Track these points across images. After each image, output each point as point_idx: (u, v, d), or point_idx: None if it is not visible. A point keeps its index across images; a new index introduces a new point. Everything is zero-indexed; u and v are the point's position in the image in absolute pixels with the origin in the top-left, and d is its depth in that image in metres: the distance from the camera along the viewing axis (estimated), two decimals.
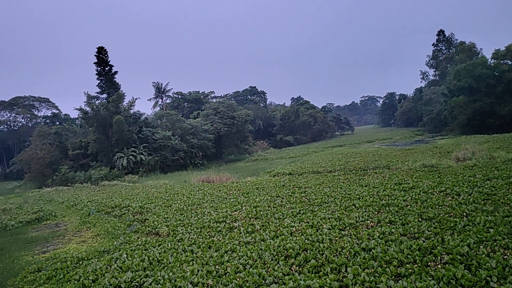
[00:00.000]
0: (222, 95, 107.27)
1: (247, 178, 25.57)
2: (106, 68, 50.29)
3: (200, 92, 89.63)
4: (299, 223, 10.28)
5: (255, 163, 46.47)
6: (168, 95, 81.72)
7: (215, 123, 58.38)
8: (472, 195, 11.04)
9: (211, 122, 58.33)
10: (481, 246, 6.76)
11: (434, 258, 6.59)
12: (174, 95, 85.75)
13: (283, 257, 7.65)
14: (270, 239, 9.02)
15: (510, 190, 11.06)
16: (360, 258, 6.91)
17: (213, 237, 10.18)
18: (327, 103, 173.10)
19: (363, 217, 10.01)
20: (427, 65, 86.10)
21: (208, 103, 71.29)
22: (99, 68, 50.02)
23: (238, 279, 6.71)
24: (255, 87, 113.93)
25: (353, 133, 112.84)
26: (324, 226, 9.58)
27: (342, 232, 8.80)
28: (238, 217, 12.28)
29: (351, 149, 44.42)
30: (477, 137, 37.55)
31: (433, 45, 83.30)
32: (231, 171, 34.23)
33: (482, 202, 10.05)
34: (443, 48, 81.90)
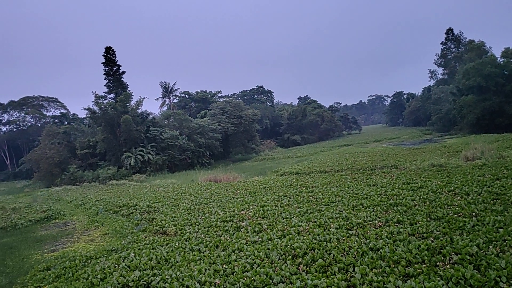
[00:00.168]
0: (229, 95, 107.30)
1: (254, 178, 25.57)
2: (114, 68, 50.61)
3: (207, 92, 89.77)
4: (307, 223, 10.25)
5: (262, 163, 46.45)
6: (176, 95, 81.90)
7: (222, 123, 58.44)
8: (482, 195, 10.94)
9: (218, 122, 58.39)
10: (491, 246, 6.69)
11: (443, 258, 6.54)
12: (182, 95, 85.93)
13: (291, 257, 7.64)
14: (277, 239, 9.01)
15: None
16: (368, 258, 6.88)
17: (221, 236, 10.19)
18: (335, 103, 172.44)
19: (371, 217, 9.96)
20: (436, 64, 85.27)
21: (215, 103, 71.32)
22: (107, 68, 50.34)
23: (246, 278, 6.71)
24: (262, 87, 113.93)
25: (361, 133, 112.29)
26: (332, 226, 9.55)
27: (350, 232, 8.76)
28: (245, 217, 12.28)
29: (359, 149, 44.22)
30: (486, 136, 37.20)
31: (442, 44, 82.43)
32: (238, 171, 34.29)
33: (492, 202, 9.95)
34: (452, 47, 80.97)
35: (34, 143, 68.52)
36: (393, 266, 6.45)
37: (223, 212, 13.52)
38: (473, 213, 9.09)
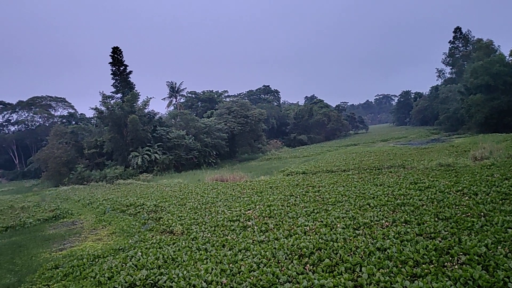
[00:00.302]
0: (236, 95, 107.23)
1: (261, 177, 25.56)
2: (121, 68, 50.75)
3: (214, 92, 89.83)
4: (313, 222, 10.23)
5: (269, 162, 46.43)
6: (182, 95, 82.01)
7: (229, 122, 58.47)
8: (490, 195, 10.85)
9: (225, 121, 58.43)
10: (499, 247, 6.64)
11: (451, 259, 6.50)
12: (188, 95, 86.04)
13: (297, 256, 7.63)
14: (284, 238, 9.00)
15: None
16: (375, 258, 6.85)
17: (227, 236, 10.21)
18: (341, 102, 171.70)
19: (378, 217, 9.92)
20: (444, 63, 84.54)
21: (222, 102, 71.41)
22: (114, 68, 50.49)
23: (252, 278, 6.71)
24: (269, 86, 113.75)
25: (368, 132, 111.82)
26: (338, 226, 9.52)
27: (357, 232, 8.73)
28: (252, 216, 12.29)
29: (366, 148, 44.02)
30: (495, 136, 36.85)
31: (450, 43, 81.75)
32: (245, 170, 34.30)
33: (500, 202, 9.87)
34: (460, 46, 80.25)
35: (42, 143, 69.10)
36: (401, 266, 6.42)
37: (230, 212, 13.55)
38: (482, 213, 9.02)
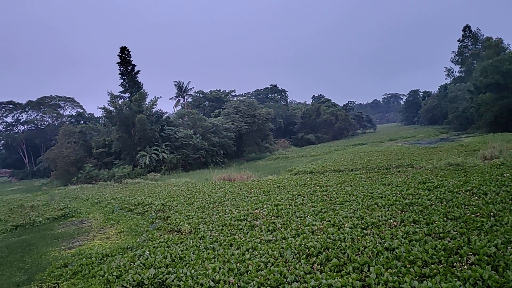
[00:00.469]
0: (243, 94, 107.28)
1: (268, 177, 25.55)
2: (129, 68, 50.97)
3: (221, 91, 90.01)
4: (321, 222, 10.21)
5: (276, 162, 46.42)
6: (190, 94, 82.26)
7: (236, 122, 58.51)
8: (500, 195, 10.74)
9: (232, 121, 58.48)
10: (509, 247, 6.57)
11: (460, 259, 6.45)
12: (196, 94, 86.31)
13: (305, 256, 7.62)
14: (292, 238, 9.00)
15: None
16: (383, 258, 6.82)
17: (235, 235, 10.22)
18: (349, 101, 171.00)
19: (386, 216, 9.87)
20: (453, 62, 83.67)
21: (229, 102, 71.49)
22: (122, 68, 50.75)
23: (260, 277, 6.72)
24: (276, 86, 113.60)
25: (375, 131, 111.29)
26: (346, 225, 9.49)
27: (365, 231, 8.70)
28: (259, 216, 12.29)
29: (373, 148, 43.79)
30: (505, 135, 36.47)
31: (459, 41, 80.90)
32: (252, 170, 34.32)
33: (510, 202, 9.77)
34: (469, 44, 79.42)
35: (51, 142, 69.81)
36: (409, 266, 6.38)
37: (237, 211, 13.56)
38: (491, 213, 8.93)
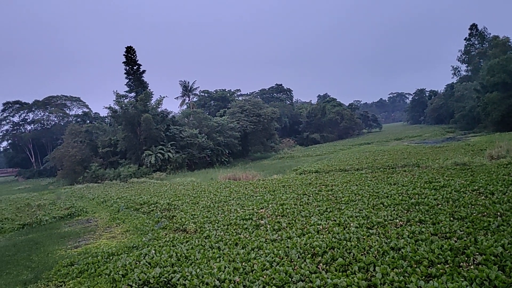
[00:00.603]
0: (248, 93, 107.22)
1: (274, 176, 25.55)
2: (134, 67, 51.22)
3: (226, 90, 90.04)
4: (326, 221, 10.19)
5: (281, 161, 46.38)
6: (195, 94, 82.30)
7: (241, 121, 58.50)
8: (507, 194, 10.66)
9: (237, 120, 58.48)
10: None
11: (467, 259, 6.41)
12: (201, 94, 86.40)
13: (310, 255, 7.61)
14: (297, 237, 8.99)
15: None
16: (389, 258, 6.79)
17: (240, 234, 10.23)
18: (354, 100, 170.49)
19: (392, 216, 9.83)
20: (459, 61, 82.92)
21: (234, 101, 71.51)
22: (128, 67, 50.99)
23: (265, 276, 6.72)
24: (281, 85, 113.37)
25: (381, 131, 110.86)
26: (352, 225, 9.46)
27: (370, 231, 8.67)
28: (265, 215, 12.29)
29: (379, 147, 43.63)
30: None
31: (465, 40, 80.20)
32: (257, 169, 34.31)
33: None
34: (476, 43, 78.80)
35: (58, 142, 70.15)
36: (415, 266, 6.35)
37: (243, 210, 13.57)
38: (498, 213, 8.87)
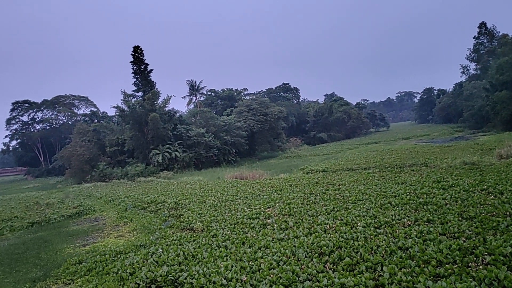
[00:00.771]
0: (255, 92, 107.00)
1: (280, 175, 25.52)
2: (142, 67, 51.38)
3: (233, 90, 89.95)
4: (333, 221, 10.16)
5: (288, 160, 46.30)
6: (202, 93, 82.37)
7: (248, 120, 58.42)
8: None
9: (244, 119, 58.41)
10: None
11: (475, 259, 6.36)
12: (208, 93, 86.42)
13: (317, 255, 7.60)
14: (304, 236, 8.97)
15: None
16: (397, 257, 6.76)
17: (247, 233, 10.23)
18: (361, 100, 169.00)
19: (400, 215, 9.78)
20: (468, 59, 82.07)
21: (241, 100, 71.38)
22: (135, 67, 51.18)
23: (272, 275, 6.71)
24: (288, 84, 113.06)
25: (389, 130, 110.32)
26: (359, 224, 9.42)
27: (378, 230, 8.63)
28: (272, 214, 12.29)
29: (387, 146, 43.40)
30: None
31: (474, 38, 79.32)
32: (264, 168, 34.29)
33: None
34: (485, 41, 78.00)
35: (66, 141, 70.67)
36: (423, 266, 6.32)
37: (249, 209, 13.57)
38: (507, 213, 8.78)
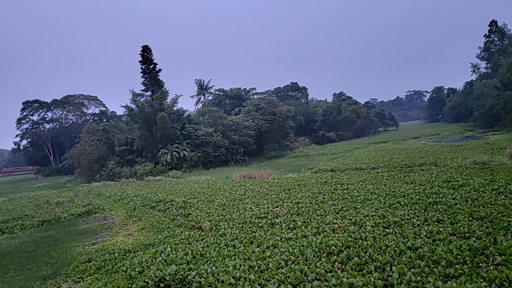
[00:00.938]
0: (263, 92, 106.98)
1: (289, 175, 25.48)
2: (150, 66, 51.60)
3: (242, 89, 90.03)
4: (342, 220, 10.12)
5: (297, 160, 46.21)
6: (210, 92, 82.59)
7: (256, 119, 58.38)
8: None
9: (252, 118, 58.38)
10: None
11: (486, 259, 6.29)
12: (216, 92, 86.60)
13: (325, 254, 7.57)
14: (312, 236, 8.95)
15: None
16: (406, 257, 6.71)
17: (255, 233, 10.23)
18: (370, 99, 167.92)
19: (409, 215, 9.71)
20: (478, 58, 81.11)
21: (249, 100, 71.37)
22: (144, 66, 51.42)
23: (280, 275, 6.70)
24: (296, 83, 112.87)
25: (398, 129, 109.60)
26: (368, 224, 9.37)
27: (387, 230, 8.57)
28: (280, 213, 12.27)
29: (396, 146, 43.11)
30: None
31: (485, 36, 78.46)
32: (272, 167, 34.26)
33: None
34: (496, 40, 77.01)
35: (76, 140, 71.39)
36: (433, 266, 6.26)
37: (258, 209, 13.56)
38: None
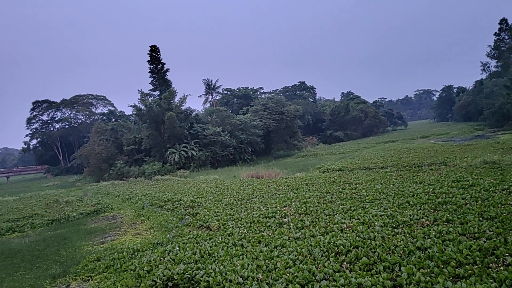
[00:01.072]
0: (271, 91, 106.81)
1: (297, 174, 25.43)
2: (159, 66, 51.78)
3: (249, 88, 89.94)
4: (350, 220, 10.08)
5: (305, 159, 46.09)
6: (218, 92, 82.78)
7: (264, 119, 58.31)
8: None
9: (260, 118, 58.31)
10: None
11: (496, 260, 6.23)
12: (224, 92, 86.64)
13: (334, 254, 7.55)
14: (320, 235, 8.93)
15: None
16: (415, 257, 6.67)
17: (263, 232, 10.22)
18: (379, 98, 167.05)
19: (418, 215, 9.64)
20: (488, 56, 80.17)
21: (257, 99, 71.28)
22: (152, 66, 51.62)
23: (288, 274, 6.70)
24: (304, 82, 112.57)
25: (407, 128, 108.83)
26: (376, 223, 9.33)
27: (395, 230, 8.52)
28: (288, 213, 12.26)
29: (404, 145, 42.80)
30: None
31: (495, 35, 77.51)
32: (280, 167, 34.22)
33: None
34: (506, 38, 76.04)
35: (84, 140, 71.98)
36: (442, 267, 6.21)
37: (265, 208, 13.56)
38: None
